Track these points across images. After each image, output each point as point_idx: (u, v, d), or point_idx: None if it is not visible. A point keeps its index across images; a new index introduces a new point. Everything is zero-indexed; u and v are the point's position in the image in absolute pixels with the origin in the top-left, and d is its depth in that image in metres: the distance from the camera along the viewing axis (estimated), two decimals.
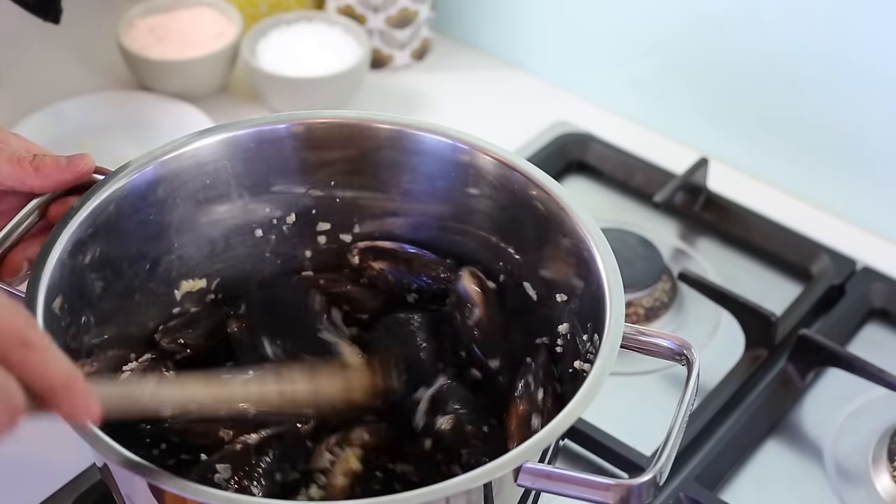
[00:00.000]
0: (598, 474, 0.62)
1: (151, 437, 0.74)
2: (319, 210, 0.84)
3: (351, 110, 0.82)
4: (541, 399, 0.74)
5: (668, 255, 1.09)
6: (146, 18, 1.25)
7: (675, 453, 0.64)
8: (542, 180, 0.77)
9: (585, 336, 0.73)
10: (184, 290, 0.83)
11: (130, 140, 1.18)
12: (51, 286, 0.69)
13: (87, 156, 0.76)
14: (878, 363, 0.93)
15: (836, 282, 1.04)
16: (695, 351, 0.69)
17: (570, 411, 0.64)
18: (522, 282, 0.80)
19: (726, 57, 1.16)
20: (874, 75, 1.07)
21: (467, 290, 0.79)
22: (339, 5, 1.27)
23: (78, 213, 0.73)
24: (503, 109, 1.27)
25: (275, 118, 0.81)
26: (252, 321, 0.80)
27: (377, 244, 0.83)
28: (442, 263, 0.83)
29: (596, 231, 0.74)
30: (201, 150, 0.79)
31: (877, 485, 0.90)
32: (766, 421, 0.94)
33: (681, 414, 0.66)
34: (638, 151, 1.18)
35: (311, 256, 0.86)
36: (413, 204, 0.83)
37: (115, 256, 0.76)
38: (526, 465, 0.61)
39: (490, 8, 1.31)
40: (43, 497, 0.84)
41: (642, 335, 0.69)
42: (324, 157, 0.82)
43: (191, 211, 0.80)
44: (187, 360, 0.81)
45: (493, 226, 0.81)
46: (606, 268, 0.72)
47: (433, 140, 0.80)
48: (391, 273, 0.82)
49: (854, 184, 1.13)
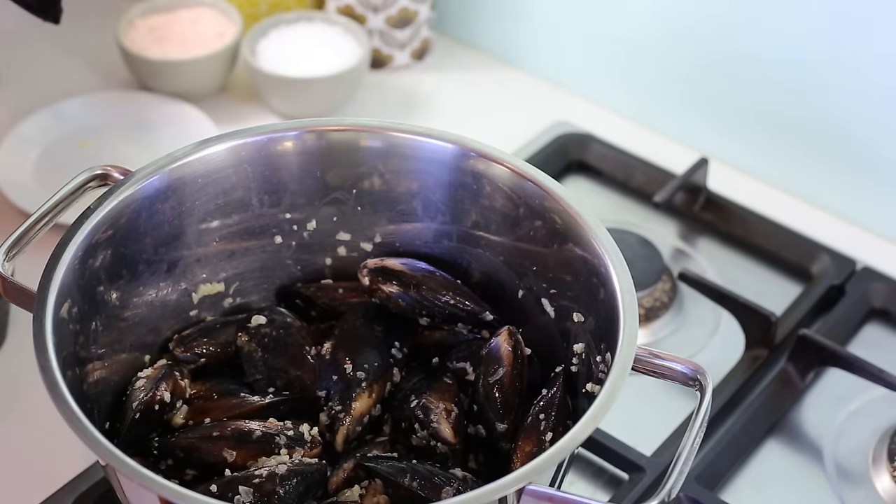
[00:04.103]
0: (600, 499, 0.62)
1: (160, 450, 0.75)
2: (340, 218, 0.84)
3: (371, 118, 0.82)
4: (548, 441, 0.74)
5: (668, 255, 1.09)
6: (146, 18, 1.25)
7: (682, 478, 0.64)
8: (560, 193, 0.77)
9: (599, 357, 0.73)
10: (201, 293, 0.83)
11: (130, 140, 1.18)
12: (61, 290, 0.70)
13: None
14: (878, 363, 0.93)
15: (836, 282, 1.04)
16: (708, 377, 0.68)
17: (576, 434, 0.64)
18: (541, 298, 0.80)
19: (726, 57, 1.16)
20: (874, 75, 1.07)
21: (500, 347, 0.78)
22: (339, 5, 1.27)
23: (94, 215, 0.73)
24: (503, 109, 1.27)
25: (297, 125, 0.81)
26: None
27: (386, 265, 0.82)
28: (453, 286, 0.82)
29: (614, 249, 0.73)
30: (222, 153, 0.79)
31: (877, 485, 0.90)
32: (766, 421, 0.94)
33: (691, 438, 0.65)
34: (638, 151, 1.18)
35: (332, 264, 0.86)
36: (432, 214, 0.83)
37: (132, 258, 0.77)
38: (529, 488, 0.62)
39: (490, 8, 1.31)
40: (43, 497, 0.84)
41: (656, 358, 0.69)
42: (345, 165, 0.82)
43: (210, 214, 0.81)
44: (201, 368, 0.81)
45: (510, 239, 0.81)
46: (622, 288, 0.71)
47: (451, 150, 0.80)
48: (401, 298, 0.81)
49: (854, 184, 1.13)
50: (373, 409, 0.78)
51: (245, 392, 0.80)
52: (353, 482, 0.74)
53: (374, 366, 0.79)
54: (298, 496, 0.71)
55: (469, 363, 0.80)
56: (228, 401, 0.78)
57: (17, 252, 0.73)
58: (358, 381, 0.78)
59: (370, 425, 0.79)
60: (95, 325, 0.74)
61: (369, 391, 0.78)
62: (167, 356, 0.81)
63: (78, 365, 0.71)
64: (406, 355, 0.82)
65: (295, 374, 0.80)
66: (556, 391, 0.76)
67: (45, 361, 0.66)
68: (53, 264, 0.70)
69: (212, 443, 0.74)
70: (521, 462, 0.73)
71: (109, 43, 1.27)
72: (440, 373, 0.81)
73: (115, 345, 0.77)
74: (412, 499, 0.72)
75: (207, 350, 0.81)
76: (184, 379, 0.79)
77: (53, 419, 0.65)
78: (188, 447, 0.74)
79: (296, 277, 0.86)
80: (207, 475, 0.72)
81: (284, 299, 0.86)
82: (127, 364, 0.78)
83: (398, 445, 0.78)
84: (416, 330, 0.83)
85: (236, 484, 0.70)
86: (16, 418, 0.93)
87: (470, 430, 0.78)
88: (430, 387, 0.79)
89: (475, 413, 0.78)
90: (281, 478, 0.70)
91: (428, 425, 0.76)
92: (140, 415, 0.75)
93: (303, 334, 0.82)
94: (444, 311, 0.81)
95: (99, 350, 0.74)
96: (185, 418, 0.78)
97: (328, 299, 0.85)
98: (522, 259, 0.81)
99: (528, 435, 0.74)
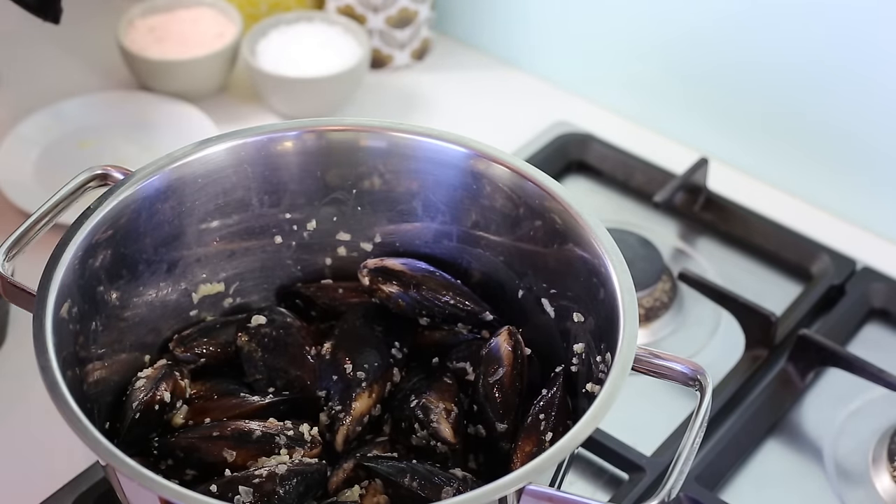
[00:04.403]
0: (600, 499, 0.62)
1: (160, 450, 0.75)
2: (340, 218, 0.84)
3: (371, 118, 0.82)
4: (548, 441, 0.74)
5: (668, 255, 1.09)
6: (146, 18, 1.25)
7: (682, 478, 0.64)
8: (560, 193, 0.77)
9: (599, 357, 0.73)
10: (201, 293, 0.83)
11: (130, 140, 1.18)
12: (61, 290, 0.69)
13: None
14: (878, 363, 0.93)
15: (836, 282, 1.04)
16: (708, 377, 0.68)
17: (576, 434, 0.64)
18: (541, 298, 0.80)
19: (726, 57, 1.16)
20: (874, 75, 1.07)
21: (500, 347, 0.78)
22: (339, 5, 1.27)
23: (94, 215, 0.73)
24: (503, 109, 1.27)
25: (297, 125, 0.81)
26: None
27: (386, 265, 0.82)
28: (453, 286, 0.82)
29: (614, 249, 0.73)
30: (222, 153, 0.79)
31: (877, 485, 0.90)
32: (766, 421, 0.94)
33: (691, 438, 0.65)
34: (638, 151, 1.18)
35: (332, 264, 0.86)
36: (432, 214, 0.83)
37: (132, 258, 0.77)
38: (529, 488, 0.62)
39: (490, 8, 1.31)
40: (43, 497, 0.84)
41: (656, 358, 0.69)
42: (345, 165, 0.82)
43: (210, 214, 0.81)
44: (201, 368, 0.81)
45: (510, 239, 0.81)
46: (622, 288, 0.71)
47: (451, 150, 0.80)
48: (401, 298, 0.81)
49: (854, 184, 1.13)
50: (373, 409, 0.78)
51: (245, 392, 0.80)
52: (353, 482, 0.74)
53: (374, 366, 0.79)
54: (298, 496, 0.71)
55: (469, 363, 0.80)
56: (228, 401, 0.78)
57: (17, 252, 0.73)
58: (358, 381, 0.78)
59: (370, 425, 0.79)
60: (95, 325, 0.74)
61: (369, 391, 0.78)
62: (167, 356, 0.81)
63: (78, 365, 0.71)
64: (406, 355, 0.82)
65: (295, 374, 0.80)
66: (556, 391, 0.76)
67: (45, 361, 0.65)
68: (53, 264, 0.70)
69: (212, 443, 0.74)
70: (521, 462, 0.73)
71: (109, 43, 1.27)
72: (440, 373, 0.81)
73: (115, 345, 0.77)
74: (412, 499, 0.71)
75: (207, 350, 0.81)
76: (184, 379, 0.79)
77: (53, 419, 0.65)
78: (188, 447, 0.74)
79: (296, 277, 0.86)
80: (207, 475, 0.72)
81: (284, 299, 0.86)
82: (127, 364, 0.78)
83: (398, 445, 0.78)
84: (416, 330, 0.83)
85: (236, 484, 0.70)
86: (16, 418, 0.93)
87: (470, 430, 0.78)
88: (430, 387, 0.79)
89: (475, 413, 0.78)
90: (281, 478, 0.70)
91: (428, 425, 0.76)
92: (140, 415, 0.75)
93: (303, 334, 0.82)
94: (444, 311, 0.81)
95: (99, 350, 0.74)
96: (185, 418, 0.78)
97: (328, 299, 0.85)
98: (522, 259, 0.80)
99: (528, 435, 0.74)
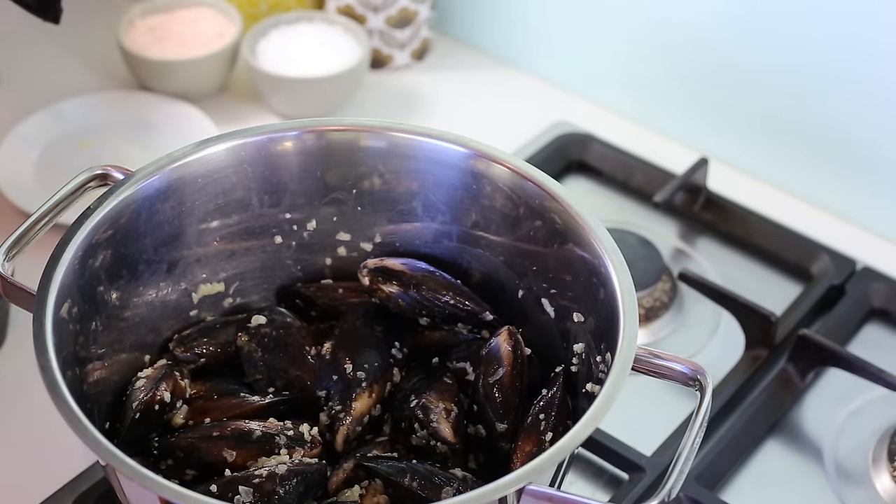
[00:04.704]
0: (600, 499, 0.62)
1: (160, 450, 0.75)
2: (340, 218, 0.84)
3: (371, 118, 0.82)
4: (548, 441, 0.74)
5: (668, 255, 1.09)
6: (146, 18, 1.25)
7: (682, 478, 0.64)
8: (560, 193, 0.77)
9: (599, 357, 0.73)
10: (201, 293, 0.83)
11: (130, 140, 1.18)
12: (61, 290, 0.69)
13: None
14: (878, 363, 0.93)
15: (836, 282, 1.04)
16: (708, 377, 0.68)
17: (576, 434, 0.64)
18: (541, 298, 0.80)
19: (726, 57, 1.16)
20: (874, 75, 1.07)
21: (500, 347, 0.78)
22: (339, 5, 1.27)
23: (94, 215, 0.73)
24: (503, 109, 1.27)
25: (297, 125, 0.81)
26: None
27: (386, 265, 0.82)
28: (453, 286, 0.82)
29: (614, 249, 0.73)
30: (222, 153, 0.79)
31: (877, 485, 0.90)
32: (766, 421, 0.94)
33: (691, 438, 0.65)
34: (638, 151, 1.18)
35: (332, 264, 0.86)
36: (432, 214, 0.83)
37: (132, 258, 0.77)
38: (529, 488, 0.61)
39: (489, 8, 1.31)
40: (43, 497, 0.84)
41: (656, 358, 0.69)
42: (345, 165, 0.82)
43: (210, 214, 0.81)
44: (201, 368, 0.81)
45: (510, 239, 0.81)
46: (622, 288, 0.71)
47: (451, 150, 0.80)
48: (401, 298, 0.81)
49: (854, 184, 1.13)
50: (373, 409, 0.78)
51: (245, 392, 0.80)
52: (353, 482, 0.74)
53: (374, 366, 0.79)
54: (298, 496, 0.71)
55: (469, 363, 0.80)
56: (228, 401, 0.78)
57: (17, 252, 0.73)
58: (358, 381, 0.78)
59: (370, 425, 0.79)
60: (95, 325, 0.74)
61: (369, 391, 0.78)
62: (167, 356, 0.81)
63: (78, 365, 0.71)
64: (406, 355, 0.82)
65: (295, 374, 0.80)
66: (556, 391, 0.76)
67: (45, 361, 0.66)
68: (53, 264, 0.70)
69: (212, 443, 0.74)
70: (521, 462, 0.73)
71: (109, 43, 1.27)
72: (440, 373, 0.81)
73: (115, 345, 0.77)
74: (412, 499, 0.72)
75: (207, 350, 0.81)
76: (184, 379, 0.79)
77: (53, 419, 0.65)
78: (188, 447, 0.74)
79: (296, 277, 0.86)
80: (207, 475, 0.72)
81: (284, 299, 0.86)
82: (127, 364, 0.78)
83: (398, 445, 0.78)
84: (416, 330, 0.83)
85: (236, 484, 0.70)
86: (16, 418, 0.93)
87: (470, 430, 0.78)
88: (430, 387, 0.79)
89: (475, 413, 0.78)
90: (281, 478, 0.70)
91: (428, 425, 0.76)
92: (140, 415, 0.75)
93: (303, 334, 0.82)
94: (444, 311, 0.81)
95: (99, 350, 0.74)
96: (185, 418, 0.78)
97: (328, 299, 0.85)
98: (522, 259, 0.80)
99: (528, 435, 0.74)
